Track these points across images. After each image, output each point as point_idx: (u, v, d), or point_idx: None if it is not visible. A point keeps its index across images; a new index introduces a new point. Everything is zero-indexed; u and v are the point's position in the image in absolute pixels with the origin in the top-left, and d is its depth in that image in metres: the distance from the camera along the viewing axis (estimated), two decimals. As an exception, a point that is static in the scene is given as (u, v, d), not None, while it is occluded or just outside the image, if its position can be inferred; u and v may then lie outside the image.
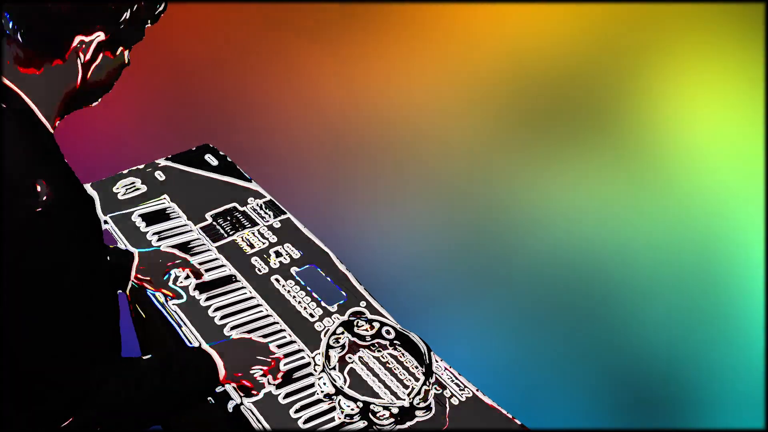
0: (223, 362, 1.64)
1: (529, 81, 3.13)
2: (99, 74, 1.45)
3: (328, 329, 1.82)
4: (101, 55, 1.42)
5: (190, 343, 1.85)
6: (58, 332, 1.35)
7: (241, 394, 1.70)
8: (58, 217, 1.32)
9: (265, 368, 1.72)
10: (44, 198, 1.30)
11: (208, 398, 1.72)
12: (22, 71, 1.39)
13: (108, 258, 1.78)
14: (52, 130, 1.45)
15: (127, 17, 1.41)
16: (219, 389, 1.70)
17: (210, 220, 2.21)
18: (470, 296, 3.02)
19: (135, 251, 2.02)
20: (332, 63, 3.01)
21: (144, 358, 1.54)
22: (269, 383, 1.72)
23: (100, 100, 1.54)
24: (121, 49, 1.46)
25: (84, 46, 1.39)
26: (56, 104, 1.44)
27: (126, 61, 1.50)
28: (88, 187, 2.27)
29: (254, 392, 1.71)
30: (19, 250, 1.30)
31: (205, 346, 1.68)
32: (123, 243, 2.13)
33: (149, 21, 1.49)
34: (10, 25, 1.35)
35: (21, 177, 1.31)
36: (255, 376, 1.70)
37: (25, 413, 1.38)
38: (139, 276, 1.97)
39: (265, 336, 1.83)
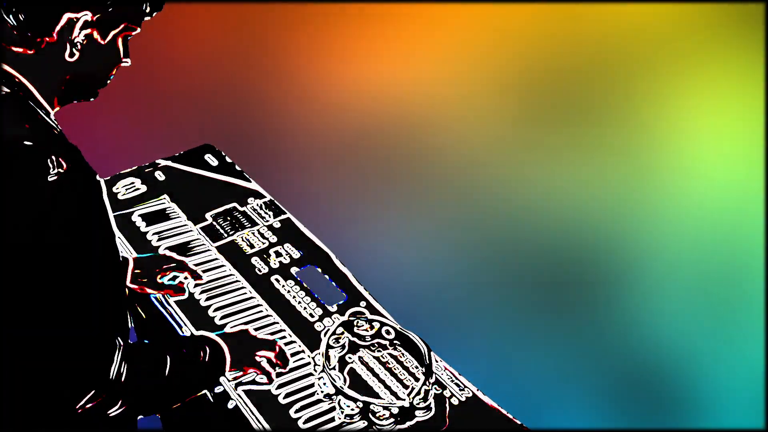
0: (228, 349, 1.66)
1: (539, 82, 3.13)
2: (91, 62, 1.45)
3: (328, 329, 1.82)
4: (87, 35, 1.42)
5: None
6: (79, 305, 1.35)
7: (246, 383, 1.70)
8: (73, 191, 1.33)
9: (270, 354, 1.72)
10: (59, 171, 1.31)
11: (214, 386, 1.73)
12: (16, 51, 1.40)
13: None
14: (52, 113, 1.46)
15: (118, 1, 1.42)
16: (219, 388, 1.70)
17: (210, 220, 2.21)
18: (472, 297, 3.02)
19: (129, 257, 2.01)
20: (334, 62, 3.02)
21: (155, 343, 1.55)
22: (277, 369, 1.73)
23: (97, 95, 1.55)
24: (113, 33, 1.46)
25: (71, 24, 1.40)
26: (51, 88, 1.45)
27: (122, 56, 1.51)
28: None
29: (263, 380, 1.71)
30: (37, 223, 1.31)
31: (210, 334, 1.68)
32: (123, 243, 2.14)
33: (142, 12, 1.49)
34: (3, 5, 1.37)
35: (34, 151, 1.32)
36: (261, 363, 1.71)
37: (44, 392, 1.39)
38: (136, 281, 1.97)
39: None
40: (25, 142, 1.33)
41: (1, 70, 1.40)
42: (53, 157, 1.32)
